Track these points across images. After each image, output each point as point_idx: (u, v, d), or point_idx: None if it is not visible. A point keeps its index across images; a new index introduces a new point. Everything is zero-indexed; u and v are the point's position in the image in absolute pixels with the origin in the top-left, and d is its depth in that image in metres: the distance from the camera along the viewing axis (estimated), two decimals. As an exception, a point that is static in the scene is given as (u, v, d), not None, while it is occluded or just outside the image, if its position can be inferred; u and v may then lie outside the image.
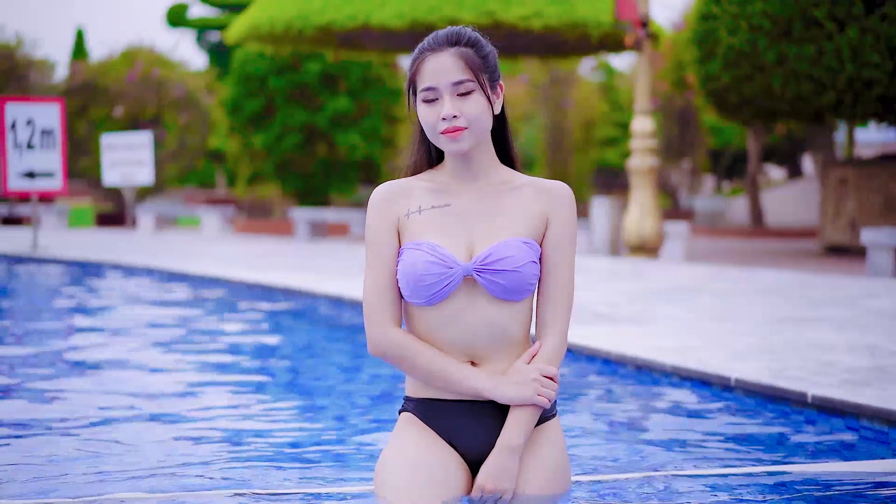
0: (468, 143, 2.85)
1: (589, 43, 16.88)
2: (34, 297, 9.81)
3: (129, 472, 3.63)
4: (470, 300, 2.85)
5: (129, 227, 21.49)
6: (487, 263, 2.82)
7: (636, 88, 13.50)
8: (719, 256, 14.47)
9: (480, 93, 2.84)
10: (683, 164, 28.13)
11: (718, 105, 14.98)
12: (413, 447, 2.86)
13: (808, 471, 3.70)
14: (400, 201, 2.92)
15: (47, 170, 13.52)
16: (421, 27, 15.61)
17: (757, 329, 6.68)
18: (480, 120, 2.84)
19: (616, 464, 3.87)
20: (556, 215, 2.92)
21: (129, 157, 17.58)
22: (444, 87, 2.82)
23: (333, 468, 3.71)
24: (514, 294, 2.85)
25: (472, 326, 2.85)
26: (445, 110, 2.81)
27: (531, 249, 2.87)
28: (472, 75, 2.83)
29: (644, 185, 13.24)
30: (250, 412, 4.84)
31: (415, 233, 2.88)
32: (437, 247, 2.83)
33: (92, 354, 6.42)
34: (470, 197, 2.93)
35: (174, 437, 4.25)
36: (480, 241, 2.88)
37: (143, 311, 8.85)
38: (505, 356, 2.89)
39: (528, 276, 2.85)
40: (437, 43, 2.86)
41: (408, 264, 2.83)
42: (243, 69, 23.43)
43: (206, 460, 3.84)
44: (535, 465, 2.90)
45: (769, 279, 10.27)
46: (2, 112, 13.39)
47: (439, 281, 2.81)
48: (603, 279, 10.23)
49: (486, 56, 2.88)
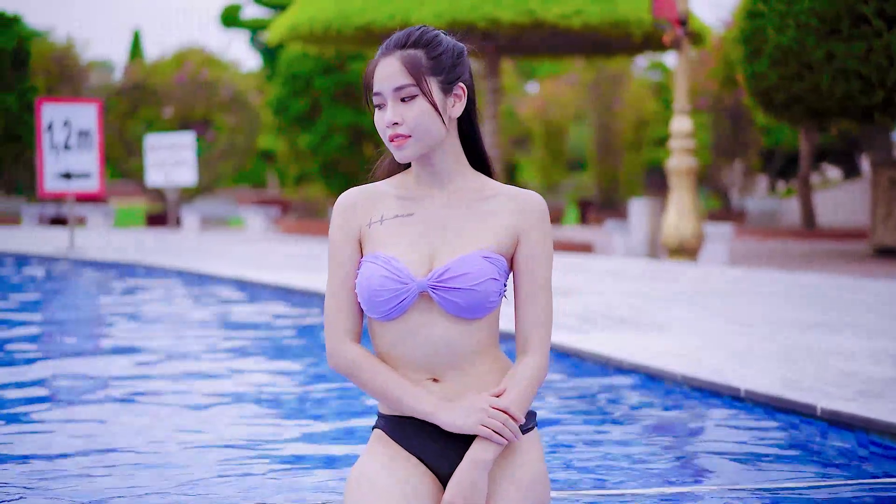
0: (412, 150, 2.73)
1: (631, 42, 16.63)
2: (57, 298, 9.81)
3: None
4: (428, 316, 2.74)
5: (173, 227, 21.58)
6: (443, 280, 2.70)
7: (675, 88, 13.28)
8: (764, 259, 14.19)
9: (424, 98, 2.69)
10: (735, 165, 27.73)
11: (766, 104, 14.71)
12: (381, 465, 2.77)
13: (810, 487, 3.59)
14: (363, 210, 2.81)
15: (84, 171, 13.55)
16: (460, 26, 15.47)
17: (781, 335, 6.47)
18: (424, 126, 2.70)
19: (616, 476, 3.79)
20: (530, 232, 2.79)
21: (172, 158, 17.62)
22: (387, 93, 2.71)
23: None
24: (470, 312, 2.73)
25: (432, 343, 2.74)
26: (387, 117, 2.71)
27: (493, 265, 2.74)
28: (414, 79, 2.69)
29: (683, 186, 13.02)
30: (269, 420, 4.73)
31: (375, 244, 2.78)
32: (392, 260, 2.72)
33: (101, 358, 6.37)
34: (435, 206, 2.80)
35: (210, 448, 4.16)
36: (442, 254, 2.76)
37: (153, 311, 8.81)
38: (467, 374, 2.77)
39: (486, 294, 2.71)
40: (388, 46, 2.76)
41: (364, 278, 2.73)
42: (290, 69, 23.47)
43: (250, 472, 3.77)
44: (507, 480, 2.77)
45: (808, 282, 10.00)
46: (39, 113, 13.44)
47: (394, 297, 2.71)
48: (632, 282, 10.03)
49: (439, 57, 2.73)
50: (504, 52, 18.47)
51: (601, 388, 5.51)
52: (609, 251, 15.65)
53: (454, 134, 2.80)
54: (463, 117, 2.82)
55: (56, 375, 5.80)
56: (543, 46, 18.41)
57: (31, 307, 9.12)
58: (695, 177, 13.14)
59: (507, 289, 2.76)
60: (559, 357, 6.13)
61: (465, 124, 2.84)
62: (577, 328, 6.76)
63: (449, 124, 2.76)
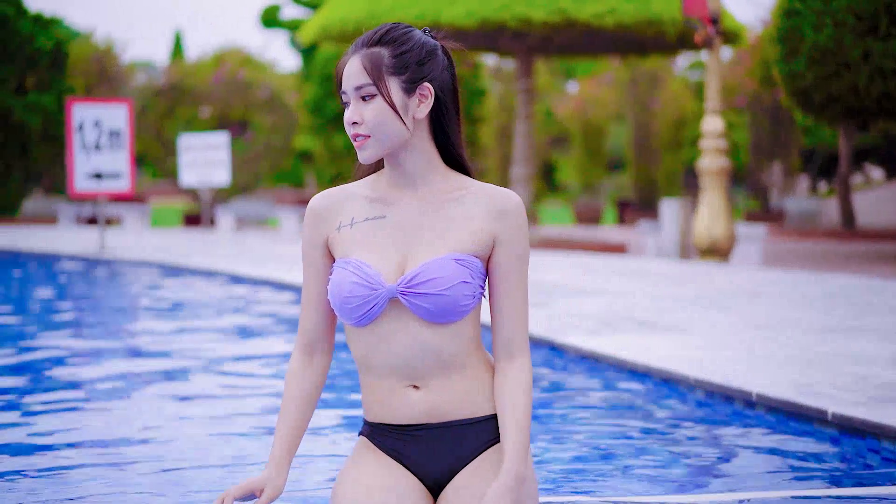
0: (372, 151, 2.67)
1: (666, 41, 16.47)
2: (78, 297, 9.86)
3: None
4: (400, 322, 2.68)
5: (208, 227, 21.66)
6: (412, 285, 2.64)
7: (706, 87, 13.13)
8: (798, 260, 14.01)
9: (382, 98, 2.63)
10: (775, 164, 27.45)
11: (803, 104, 14.53)
12: (366, 472, 2.72)
13: (821, 495, 3.52)
14: (332, 214, 2.76)
15: (114, 171, 13.61)
16: (491, 25, 15.41)
17: (801, 338, 6.36)
18: (382, 127, 2.64)
19: (621, 482, 3.75)
20: (507, 232, 2.72)
21: (206, 158, 17.68)
22: (350, 92, 2.67)
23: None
24: (442, 317, 2.66)
25: (406, 348, 2.68)
26: (347, 116, 2.68)
27: (465, 268, 2.67)
28: (372, 79, 2.63)
29: (715, 186, 12.87)
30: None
31: (346, 248, 2.73)
32: (363, 266, 2.67)
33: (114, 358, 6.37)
34: (408, 207, 2.74)
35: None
36: (414, 257, 2.70)
37: (162, 310, 8.82)
38: (449, 379, 2.71)
39: (457, 298, 2.65)
40: (357, 44, 2.70)
41: (335, 284, 2.68)
42: (325, 69, 23.49)
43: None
44: (485, 489, 2.68)
45: (837, 284, 9.84)
46: (69, 113, 13.52)
47: (364, 303, 2.65)
48: (658, 284, 9.92)
49: (402, 55, 2.65)
50: (537, 52, 18.35)
51: (613, 391, 5.44)
52: (642, 252, 15.52)
53: (423, 135, 2.71)
54: (434, 117, 2.75)
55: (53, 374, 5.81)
56: (577, 46, 18.28)
57: (51, 306, 9.16)
58: (727, 177, 12.99)
59: (484, 290, 2.68)
60: (574, 361, 6.06)
61: (436, 124, 2.76)
62: (596, 330, 6.68)
63: (413, 125, 2.68)
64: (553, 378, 5.84)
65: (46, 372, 5.96)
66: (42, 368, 6.06)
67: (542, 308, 7.78)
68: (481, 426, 2.73)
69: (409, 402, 2.70)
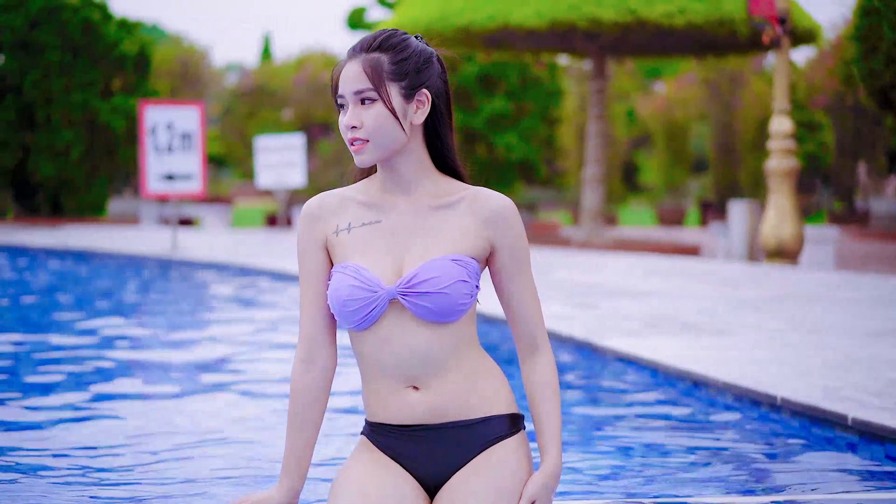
0: (370, 155, 2.72)
1: (738, 40, 16.26)
2: (135, 296, 10.06)
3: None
4: (400, 324, 2.72)
5: (284, 228, 21.92)
6: (412, 286, 2.69)
7: (775, 88, 12.93)
8: (873, 262, 13.74)
9: (382, 103, 2.68)
10: (860, 165, 26.92)
11: (882, 103, 14.21)
12: (366, 472, 2.76)
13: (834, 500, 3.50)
14: (328, 218, 2.81)
15: (186, 172, 13.86)
16: (562, 26, 15.36)
17: (845, 343, 6.27)
18: (381, 131, 2.69)
19: (644, 482, 3.78)
20: (503, 237, 2.77)
21: (283, 160, 17.87)
22: (348, 96, 2.71)
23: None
24: (442, 316, 2.70)
25: (407, 349, 2.72)
26: (345, 120, 2.71)
27: (462, 268, 2.71)
28: (373, 84, 2.68)
29: (782, 188, 12.67)
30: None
31: (344, 253, 2.78)
32: (361, 269, 2.72)
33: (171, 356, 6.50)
34: (402, 212, 2.78)
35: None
36: (410, 260, 2.74)
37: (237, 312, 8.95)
38: (449, 380, 2.74)
39: (456, 297, 2.69)
40: (355, 49, 2.75)
41: (334, 289, 2.73)
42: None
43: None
44: (480, 488, 2.71)
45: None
46: (141, 116, 13.79)
47: (364, 306, 2.70)
48: (716, 286, 9.81)
49: (402, 62, 2.71)
50: (609, 53, 18.24)
51: (642, 393, 5.43)
52: (713, 255, 15.35)
53: (418, 140, 2.76)
54: (428, 123, 2.79)
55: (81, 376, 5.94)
56: (650, 46, 18.12)
57: (123, 304, 9.36)
58: (795, 178, 12.78)
59: (479, 290, 2.72)
60: (610, 362, 6.05)
61: (430, 130, 2.80)
62: (637, 332, 6.65)
63: (411, 130, 2.73)
64: (591, 381, 5.86)
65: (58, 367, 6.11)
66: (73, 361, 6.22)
67: (589, 309, 7.77)
68: (481, 427, 2.75)
69: (409, 403, 2.74)
